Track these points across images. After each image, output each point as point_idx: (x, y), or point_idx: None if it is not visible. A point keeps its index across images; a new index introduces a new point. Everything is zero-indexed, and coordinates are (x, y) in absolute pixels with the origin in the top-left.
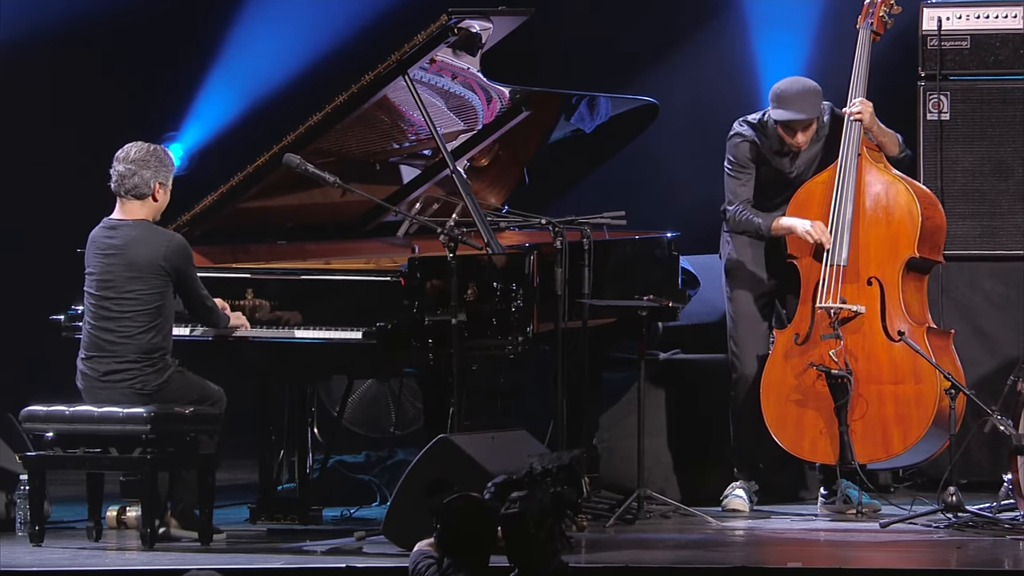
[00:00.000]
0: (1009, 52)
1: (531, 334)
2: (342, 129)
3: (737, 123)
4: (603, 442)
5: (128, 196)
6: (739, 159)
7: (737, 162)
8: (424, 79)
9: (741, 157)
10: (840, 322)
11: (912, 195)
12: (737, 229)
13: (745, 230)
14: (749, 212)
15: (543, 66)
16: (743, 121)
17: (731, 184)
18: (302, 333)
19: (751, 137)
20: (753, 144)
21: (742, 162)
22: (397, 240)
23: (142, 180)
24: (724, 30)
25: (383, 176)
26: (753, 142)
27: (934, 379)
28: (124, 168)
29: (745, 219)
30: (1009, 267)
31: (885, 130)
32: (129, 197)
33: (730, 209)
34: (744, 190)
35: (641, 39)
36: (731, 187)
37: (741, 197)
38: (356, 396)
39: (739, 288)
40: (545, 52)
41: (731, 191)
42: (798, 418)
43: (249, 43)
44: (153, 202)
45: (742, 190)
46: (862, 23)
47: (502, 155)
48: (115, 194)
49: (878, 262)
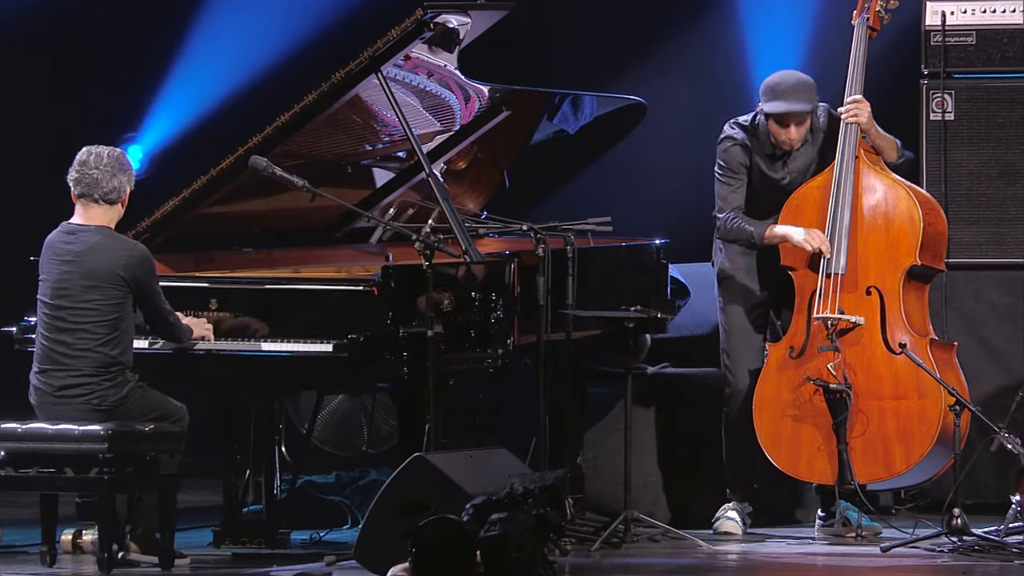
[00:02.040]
0: (1017, 48)
1: (512, 347)
2: (312, 130)
3: (727, 125)
4: (588, 461)
5: (99, 201)
6: (730, 164)
7: (728, 167)
8: (398, 77)
9: (732, 162)
10: (838, 334)
11: (913, 200)
12: (728, 238)
13: (736, 239)
14: (741, 220)
15: (525, 64)
16: (733, 123)
17: (721, 190)
18: (269, 346)
19: (742, 140)
20: (744, 147)
21: (733, 167)
22: (370, 247)
23: (119, 184)
24: (715, 27)
25: (355, 180)
26: (744, 145)
27: (938, 394)
28: (99, 172)
29: (736, 227)
30: (1016, 276)
31: (883, 134)
32: (100, 202)
33: (720, 217)
34: (735, 196)
35: (628, 36)
36: (721, 193)
37: (732, 204)
38: (326, 412)
39: (732, 298)
40: (527, 49)
41: (721, 198)
42: (794, 436)
43: (214, 38)
44: (120, 208)
45: (733, 196)
46: (857, 18)
47: (481, 157)
48: (79, 197)
49: (877, 271)
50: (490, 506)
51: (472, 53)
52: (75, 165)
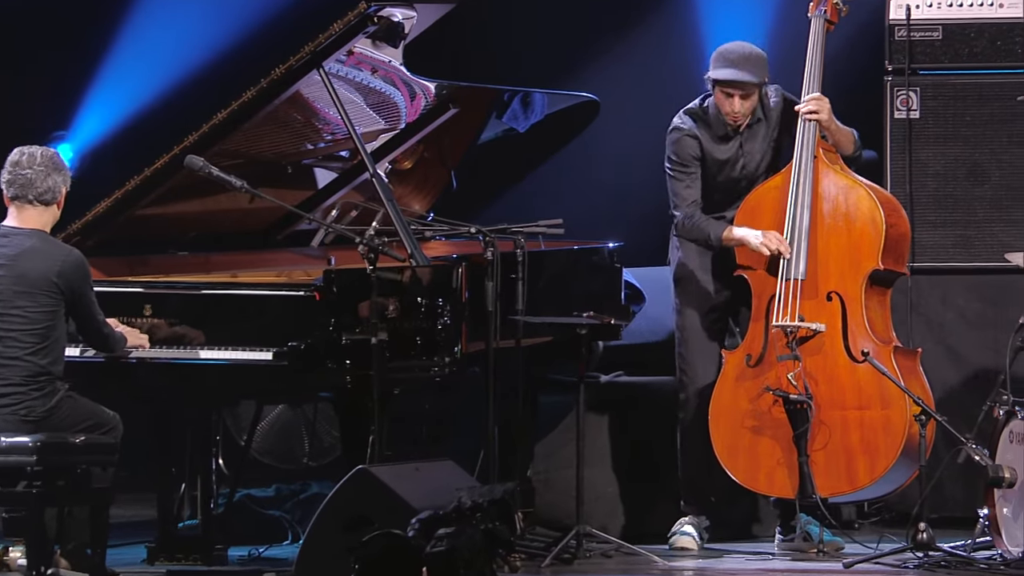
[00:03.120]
0: (985, 43)
1: (459, 354)
2: (250, 128)
3: (677, 116)
4: (539, 473)
5: (34, 202)
6: (681, 156)
7: (679, 160)
8: (341, 73)
9: (683, 154)
10: (798, 341)
11: (874, 201)
12: (686, 237)
13: (695, 238)
14: (699, 218)
15: (473, 60)
16: (683, 112)
17: (675, 186)
18: (206, 354)
19: (691, 130)
20: (694, 138)
21: (685, 160)
22: (311, 251)
23: (54, 184)
24: (671, 21)
25: (296, 180)
26: (694, 136)
27: (903, 403)
28: (32, 172)
29: (693, 226)
30: (984, 281)
31: (842, 128)
32: (34, 203)
33: (677, 214)
34: (690, 192)
35: (581, 31)
36: (675, 189)
37: (688, 200)
38: (266, 423)
39: (688, 300)
40: (475, 44)
41: (676, 194)
42: (752, 448)
43: (148, 31)
44: (56, 210)
45: (688, 192)
46: (814, 11)
47: (427, 157)
48: (13, 200)
49: (838, 275)
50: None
51: (418, 48)
52: (7, 166)
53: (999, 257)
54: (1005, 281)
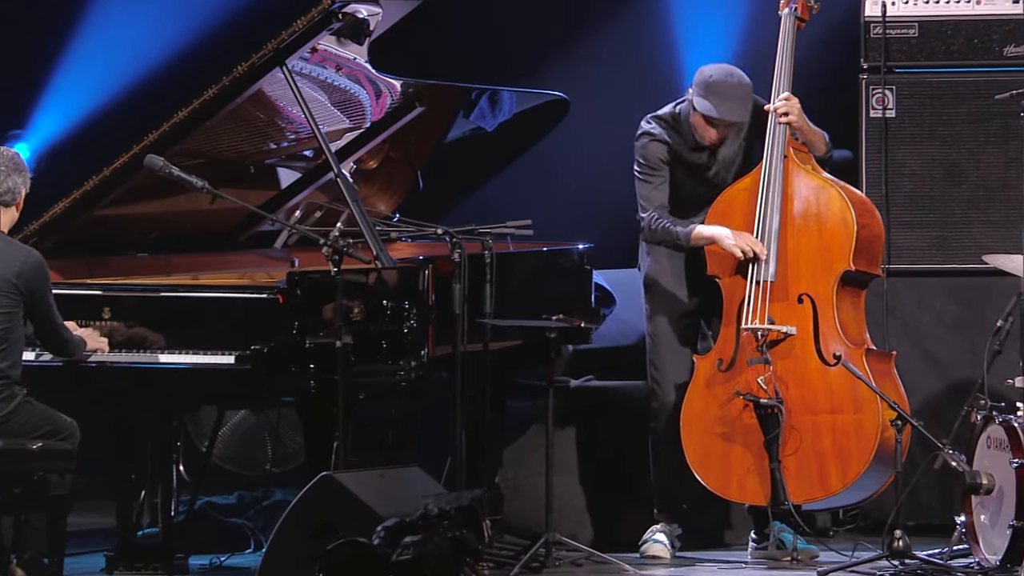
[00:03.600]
0: (962, 41)
1: (426, 358)
2: (212, 127)
3: (645, 121)
4: (507, 480)
5: None
6: (650, 161)
7: (648, 164)
8: (305, 71)
9: (652, 159)
10: (768, 345)
11: (845, 201)
12: (653, 240)
13: (662, 240)
14: (666, 220)
15: (440, 57)
16: (652, 118)
17: (642, 189)
18: (166, 358)
19: (661, 136)
20: (663, 143)
21: (653, 164)
22: (275, 252)
23: (14, 185)
24: (642, 18)
25: (259, 180)
26: (664, 141)
27: (875, 407)
28: None
29: (662, 228)
30: (962, 283)
31: (813, 128)
32: None
33: (644, 217)
34: (657, 195)
35: (550, 28)
36: (643, 193)
37: (655, 203)
38: (228, 429)
39: (659, 305)
40: (442, 42)
41: (643, 197)
42: (723, 454)
43: (108, 28)
44: (15, 211)
45: (655, 195)
46: (785, 9)
47: (393, 156)
48: None
49: (810, 277)
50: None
51: (384, 45)
52: None
53: (977, 259)
54: (983, 283)
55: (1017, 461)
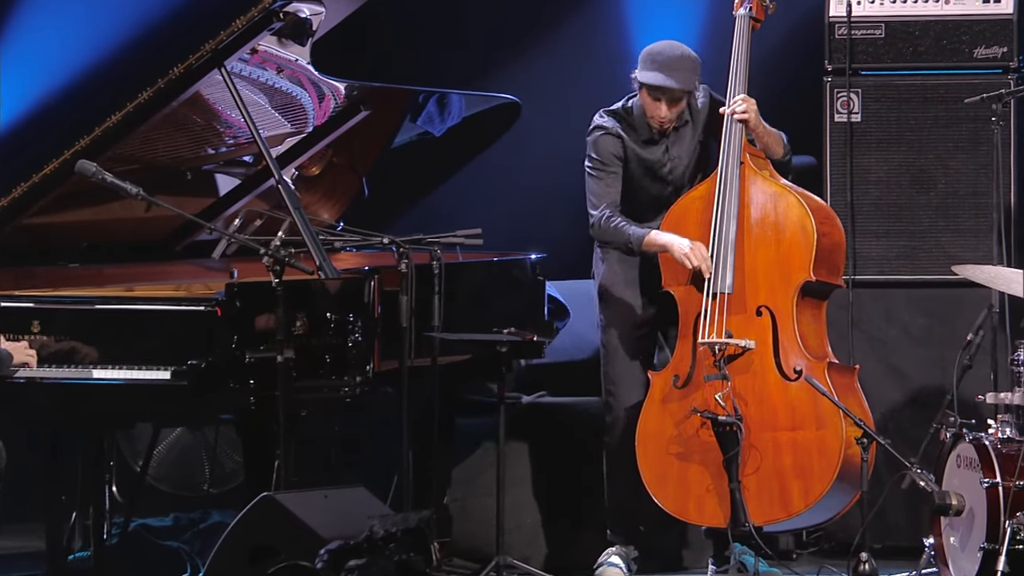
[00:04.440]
0: (930, 42)
1: (371, 373)
2: (147, 131)
3: (597, 115)
4: (456, 500)
5: None
6: (602, 156)
7: (600, 159)
8: (244, 73)
9: (605, 153)
10: (726, 360)
11: (804, 208)
12: (603, 239)
13: (612, 240)
14: (618, 219)
15: (386, 58)
16: (605, 112)
17: (593, 185)
18: (99, 373)
19: (615, 130)
20: (617, 138)
21: (606, 159)
22: (213, 263)
23: None
24: (596, 19)
25: (196, 187)
26: (618, 136)
27: (838, 423)
28: None
29: (612, 227)
30: (930, 295)
31: (770, 130)
32: None
33: (594, 215)
34: (609, 191)
35: (500, 28)
36: (593, 189)
37: (606, 199)
38: (163, 447)
39: (613, 316)
40: (388, 43)
41: (594, 193)
42: (681, 474)
43: (35, 28)
44: None
45: (607, 192)
46: (739, 9)
47: (337, 162)
48: None
49: (768, 288)
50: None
51: (327, 46)
52: None
53: (946, 269)
54: (952, 295)
55: (988, 481)
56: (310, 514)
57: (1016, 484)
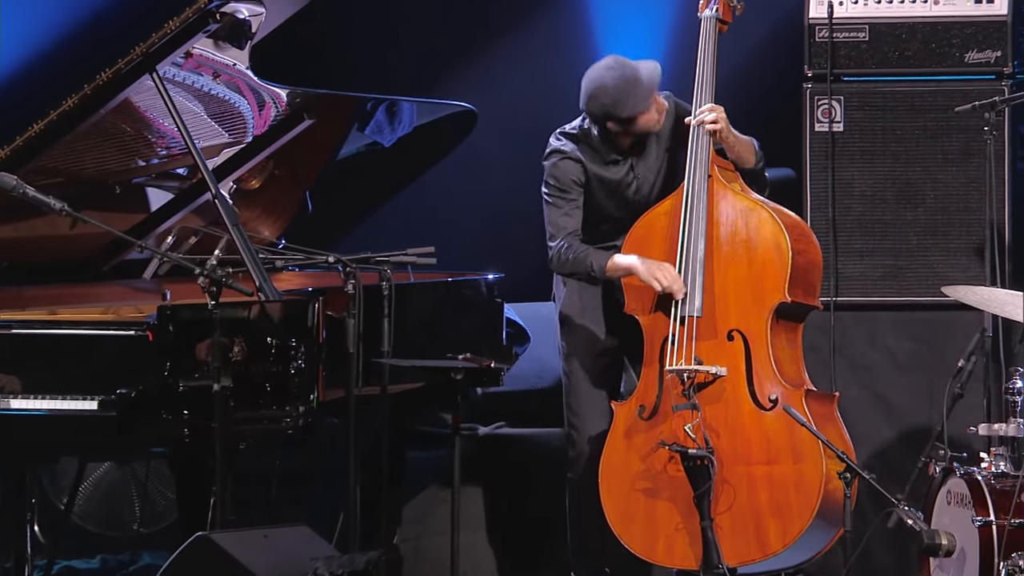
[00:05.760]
0: (918, 46)
1: (315, 403)
2: (72, 141)
3: (554, 137)
4: (407, 540)
5: None
6: (561, 182)
7: (558, 186)
8: (178, 78)
9: (564, 180)
10: (696, 388)
11: (778, 224)
12: (563, 271)
13: (573, 272)
14: (578, 248)
15: (331, 64)
16: (561, 134)
17: (552, 214)
18: (19, 403)
19: (573, 154)
20: (577, 162)
21: (565, 186)
22: (144, 283)
23: None
24: (558, 22)
25: (126, 201)
26: (577, 160)
27: (818, 455)
28: None
29: (572, 258)
30: (917, 318)
31: (741, 138)
32: None
33: (553, 246)
34: (569, 221)
35: (455, 32)
36: (552, 218)
37: (566, 230)
38: (89, 483)
39: (576, 343)
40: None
41: (552, 223)
42: (648, 512)
43: None
44: None
45: (566, 221)
46: (704, 10)
47: (278, 175)
48: None
49: (740, 311)
50: None
51: (267, 50)
52: None
53: (935, 291)
54: (941, 319)
55: (981, 519)
56: (249, 555)
57: (1011, 522)
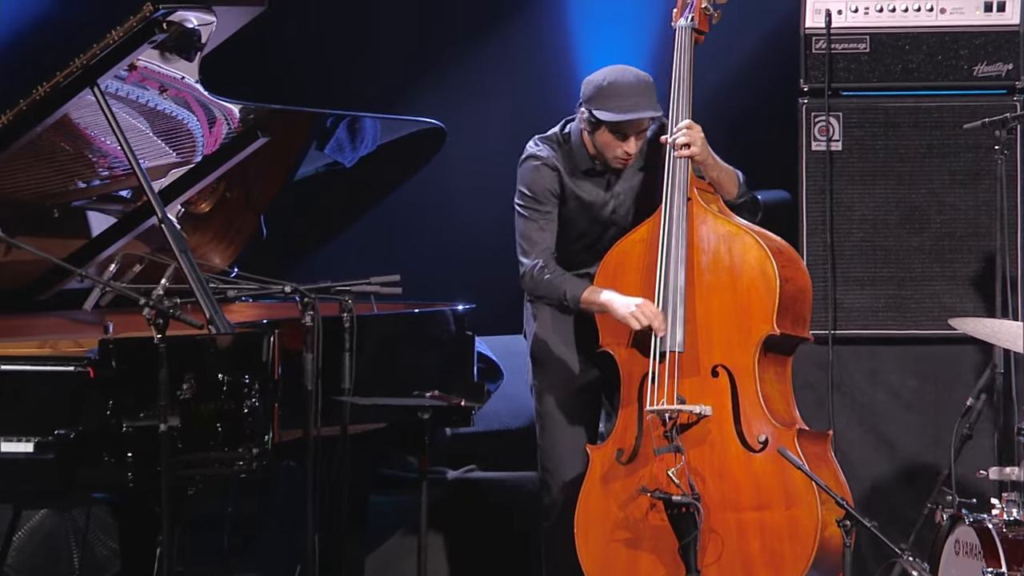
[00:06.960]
0: (923, 58)
1: (270, 444)
2: (6, 161)
3: (532, 142)
4: None
5: None
6: (537, 192)
7: (534, 196)
8: (121, 92)
9: (540, 190)
10: (679, 429)
11: (764, 249)
12: (533, 292)
13: (544, 295)
14: (553, 269)
15: (288, 78)
16: (539, 139)
17: (525, 227)
18: None
19: (551, 161)
20: (554, 171)
21: (541, 196)
22: (84, 315)
23: None
24: (534, 35)
25: (64, 226)
26: (555, 168)
27: (812, 500)
28: None
29: (545, 281)
30: (923, 352)
31: (721, 164)
32: None
33: (525, 263)
34: (543, 236)
35: (424, 45)
36: (525, 231)
37: (540, 246)
38: (24, 533)
39: (549, 381)
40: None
41: (525, 237)
42: (629, 564)
43: None
44: None
45: (541, 236)
46: (679, 19)
47: (230, 198)
48: None
49: (725, 345)
50: None
51: (219, 63)
52: None
53: (942, 323)
54: (948, 353)
55: (992, 570)
56: None
57: None
